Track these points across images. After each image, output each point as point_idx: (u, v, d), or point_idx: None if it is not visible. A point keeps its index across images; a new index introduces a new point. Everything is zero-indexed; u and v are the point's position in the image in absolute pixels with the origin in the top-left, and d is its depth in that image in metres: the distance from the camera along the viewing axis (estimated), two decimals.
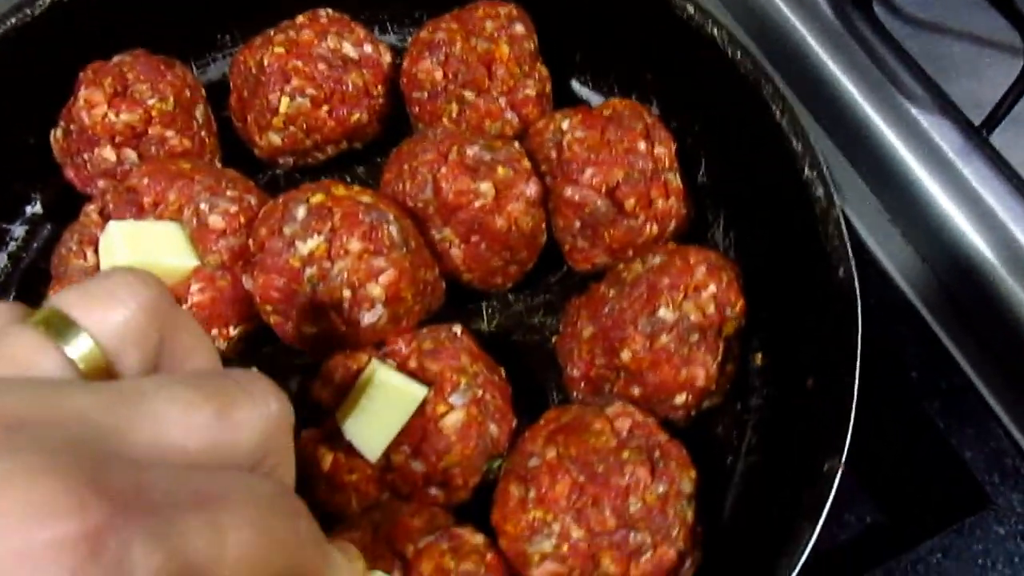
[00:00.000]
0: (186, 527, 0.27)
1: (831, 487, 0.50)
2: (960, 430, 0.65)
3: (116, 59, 0.67)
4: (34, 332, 0.31)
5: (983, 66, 0.76)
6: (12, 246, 0.70)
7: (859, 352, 0.53)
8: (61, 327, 0.32)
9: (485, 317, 0.70)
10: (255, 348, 0.67)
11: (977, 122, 0.68)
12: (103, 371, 0.33)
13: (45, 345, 0.31)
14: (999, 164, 0.67)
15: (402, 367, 0.60)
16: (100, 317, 0.33)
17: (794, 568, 0.48)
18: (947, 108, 0.69)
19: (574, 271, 0.70)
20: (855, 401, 0.52)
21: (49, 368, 0.31)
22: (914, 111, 0.71)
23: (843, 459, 0.51)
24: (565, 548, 0.52)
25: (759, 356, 0.66)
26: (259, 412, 0.32)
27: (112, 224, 0.61)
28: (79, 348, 0.32)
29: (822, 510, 0.49)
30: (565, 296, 0.69)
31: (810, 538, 0.49)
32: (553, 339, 0.68)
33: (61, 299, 0.33)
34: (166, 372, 0.35)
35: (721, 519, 0.61)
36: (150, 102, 0.66)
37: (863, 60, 0.74)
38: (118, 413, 0.29)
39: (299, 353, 0.66)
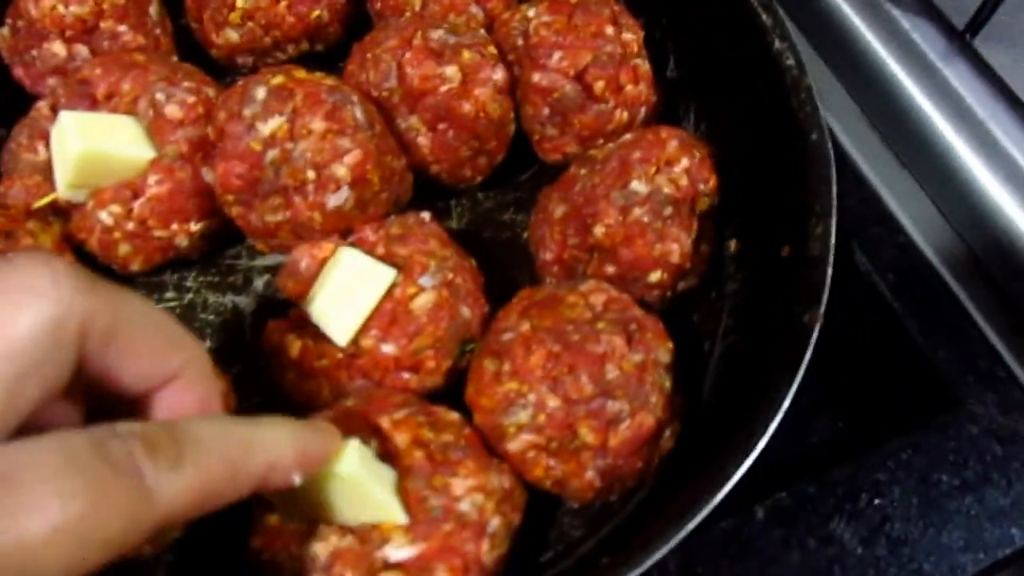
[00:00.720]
0: None
1: (811, 337, 0.49)
2: (935, 332, 0.65)
3: None
4: None
5: None
6: None
7: (834, 208, 0.53)
8: None
9: (455, 215, 0.69)
10: (218, 248, 0.65)
11: (960, 26, 0.67)
12: None
13: None
14: (982, 68, 0.66)
15: (370, 253, 0.58)
16: None
17: (775, 416, 0.47)
18: (930, 11, 0.68)
19: (545, 166, 0.68)
20: (832, 253, 0.51)
21: None
22: (896, 14, 0.69)
23: (821, 311, 0.50)
24: (541, 418, 0.51)
25: (734, 243, 0.64)
26: (22, 306, 0.31)
27: (64, 114, 0.59)
28: None
29: (802, 360, 0.48)
30: (535, 193, 0.67)
31: (789, 388, 0.48)
32: (524, 235, 0.67)
33: None
34: None
35: (701, 399, 0.59)
36: None
37: None
38: None
39: (263, 254, 0.65)
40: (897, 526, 0.58)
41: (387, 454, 0.49)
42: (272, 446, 0.38)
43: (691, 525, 0.45)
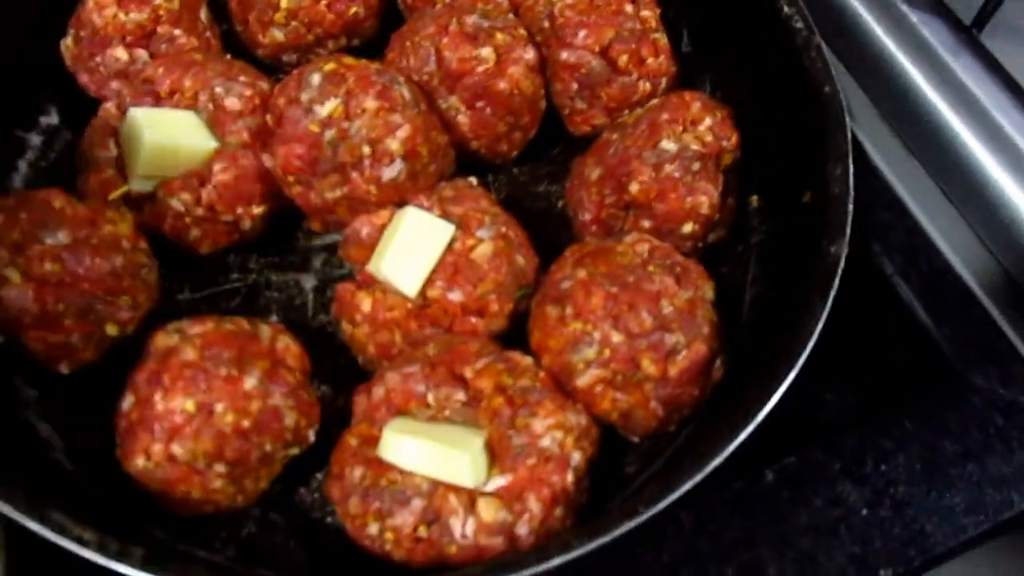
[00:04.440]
0: None
1: (838, 264, 0.54)
2: (940, 310, 0.68)
3: None
4: None
5: None
6: (31, 154, 0.72)
7: (850, 151, 0.58)
8: None
9: (492, 189, 0.73)
10: (276, 230, 0.69)
11: (967, 21, 0.70)
12: None
13: None
14: (988, 61, 0.69)
15: None
16: None
17: (810, 338, 0.52)
18: (938, 7, 0.72)
19: (573, 140, 0.73)
20: (851, 192, 0.56)
21: None
22: (905, 9, 0.73)
23: (846, 241, 0.55)
24: (607, 353, 0.55)
25: (755, 198, 0.69)
26: None
27: (132, 110, 0.64)
28: None
29: (832, 284, 0.53)
30: (566, 166, 0.72)
31: (821, 313, 0.52)
32: (559, 204, 0.72)
33: None
34: None
35: (738, 340, 0.64)
36: (157, 1, 0.68)
37: None
38: None
39: (319, 235, 0.69)
40: (901, 489, 0.60)
41: (472, 401, 0.54)
42: None
43: (744, 434, 0.50)
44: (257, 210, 0.66)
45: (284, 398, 0.55)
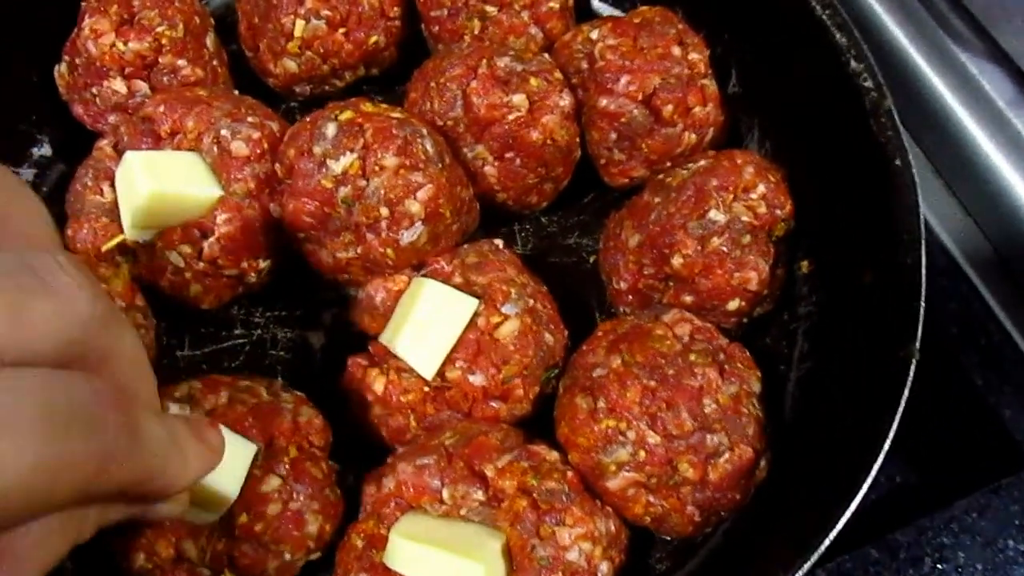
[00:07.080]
0: None
1: (908, 373, 0.48)
2: (999, 388, 0.63)
3: None
4: None
5: None
6: None
7: (923, 237, 0.52)
8: None
9: (519, 241, 0.68)
10: (286, 282, 0.64)
11: None
12: None
13: None
14: None
15: (447, 283, 0.57)
16: None
17: (876, 460, 0.46)
18: (999, 57, 0.67)
19: (608, 189, 0.67)
20: (924, 286, 0.50)
21: None
22: (964, 59, 0.68)
23: (917, 346, 0.49)
24: (642, 455, 0.50)
25: (805, 263, 0.64)
26: (60, 311, 0.31)
27: (129, 154, 0.58)
28: None
29: (900, 399, 0.48)
30: (600, 216, 0.67)
31: (889, 430, 0.47)
32: (591, 259, 0.67)
33: None
34: None
35: (782, 425, 0.59)
36: (159, 29, 0.63)
37: (915, 6, 0.70)
38: None
39: (330, 287, 0.64)
40: None
41: (492, 500, 0.49)
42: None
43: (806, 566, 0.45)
44: (263, 264, 0.61)
45: (308, 501, 0.50)
